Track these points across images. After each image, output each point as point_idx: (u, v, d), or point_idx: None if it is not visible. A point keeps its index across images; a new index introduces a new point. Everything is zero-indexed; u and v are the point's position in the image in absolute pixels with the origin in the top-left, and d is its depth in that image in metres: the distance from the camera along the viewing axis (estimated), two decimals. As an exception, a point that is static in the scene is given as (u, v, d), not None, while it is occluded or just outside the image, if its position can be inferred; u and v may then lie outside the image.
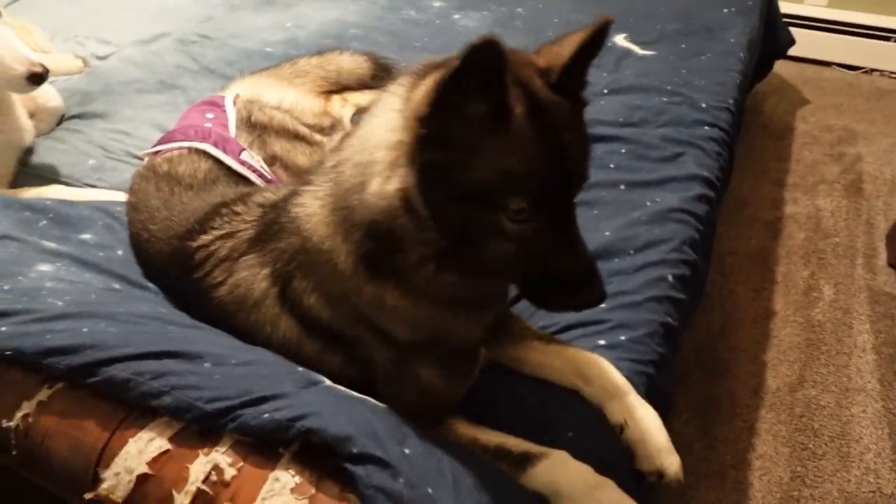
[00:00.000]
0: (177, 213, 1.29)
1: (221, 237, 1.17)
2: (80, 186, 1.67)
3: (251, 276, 1.12)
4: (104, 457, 0.98)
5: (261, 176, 1.50)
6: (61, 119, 1.89)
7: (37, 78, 1.61)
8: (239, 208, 1.21)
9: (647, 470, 1.11)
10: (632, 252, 1.44)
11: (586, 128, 0.95)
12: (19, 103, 1.79)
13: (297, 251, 1.08)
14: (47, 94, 1.88)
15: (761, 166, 2.81)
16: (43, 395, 1.04)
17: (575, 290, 0.93)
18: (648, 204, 1.57)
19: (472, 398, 1.14)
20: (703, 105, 1.90)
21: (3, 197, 1.48)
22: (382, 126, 0.94)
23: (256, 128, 1.58)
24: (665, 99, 1.91)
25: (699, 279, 1.55)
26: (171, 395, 0.95)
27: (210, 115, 1.57)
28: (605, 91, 1.94)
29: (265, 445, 0.94)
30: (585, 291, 0.93)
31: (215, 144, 1.48)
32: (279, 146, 1.57)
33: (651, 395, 1.21)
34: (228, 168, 1.46)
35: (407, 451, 0.91)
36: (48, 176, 1.70)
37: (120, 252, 1.36)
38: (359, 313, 1.05)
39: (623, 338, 1.26)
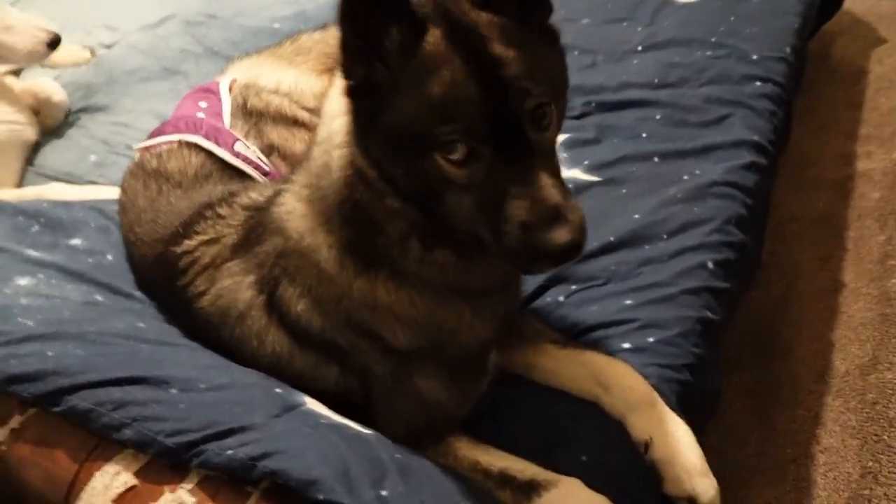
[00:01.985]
0: (163, 215, 1.22)
1: (205, 243, 1.10)
2: (82, 183, 1.64)
3: (235, 285, 1.04)
4: (73, 490, 0.94)
5: (257, 168, 1.40)
6: (67, 114, 1.85)
7: (55, 43, 1.71)
8: (223, 211, 1.13)
9: (676, 495, 0.98)
10: (665, 236, 1.29)
11: (536, 46, 0.83)
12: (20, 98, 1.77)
13: (280, 253, 1.00)
14: (51, 89, 1.84)
15: (829, 118, 2.53)
16: (15, 422, 1.00)
17: (540, 237, 0.78)
18: (686, 178, 1.40)
19: (474, 410, 1.05)
20: (754, 57, 1.69)
21: (-1, 202, 1.45)
22: (336, 95, 0.91)
23: (252, 115, 1.49)
24: (709, 53, 1.71)
25: (749, 262, 1.37)
26: (133, 427, 0.89)
27: (203, 104, 1.48)
28: (639, 48, 1.76)
29: (235, 481, 0.86)
30: (549, 235, 0.77)
31: (206, 136, 1.38)
32: (276, 134, 1.46)
33: (684, 403, 1.07)
34: (222, 161, 1.37)
35: (384, 492, 0.82)
36: (50, 174, 1.68)
37: (110, 257, 1.31)
38: (351, 318, 0.97)
39: (651, 339, 1.12)
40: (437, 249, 0.88)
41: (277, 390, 0.97)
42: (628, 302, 1.17)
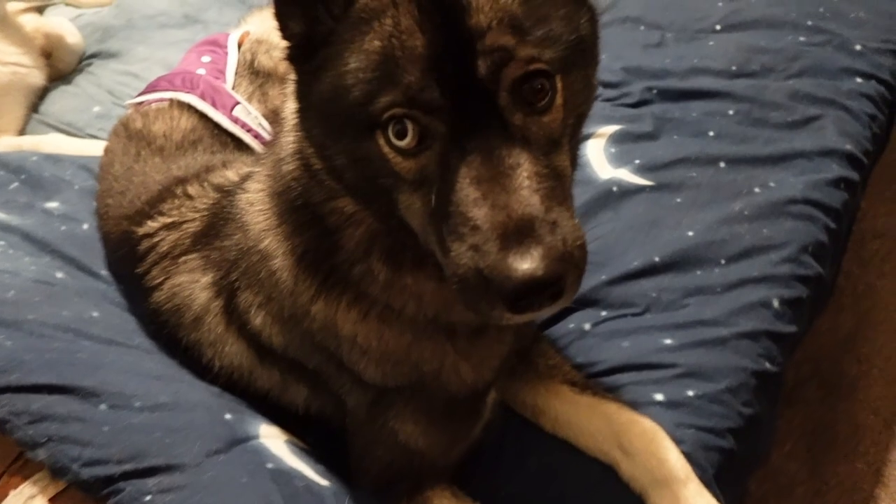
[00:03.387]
0: (134, 187, 1.07)
1: (167, 227, 0.95)
2: (83, 136, 1.53)
3: (190, 283, 0.90)
4: (-10, 504, 0.81)
5: (256, 136, 1.24)
6: (81, 59, 1.73)
7: None
8: (193, 190, 0.98)
9: None
10: (723, 261, 1.08)
11: None
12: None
13: (240, 254, 0.85)
14: (64, 29, 1.71)
15: (934, 122, 2.20)
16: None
17: (490, 261, 0.55)
18: (758, 190, 1.18)
19: (468, 455, 0.88)
20: (858, 47, 1.44)
21: (-17, 152, 1.34)
22: None
23: (259, 75, 1.32)
24: (802, 38, 1.46)
25: (821, 297, 1.14)
26: (48, 448, 0.76)
27: (206, 59, 1.32)
28: (718, 27, 1.50)
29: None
30: (502, 260, 0.54)
31: (203, 96, 1.23)
32: (282, 99, 1.28)
33: (724, 475, 0.87)
34: (217, 126, 1.21)
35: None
36: (52, 123, 1.57)
37: (85, 226, 1.19)
38: (316, 342, 0.81)
39: (691, 392, 0.92)
40: (407, 272, 0.69)
41: (227, 416, 0.82)
42: (668, 341, 0.96)
